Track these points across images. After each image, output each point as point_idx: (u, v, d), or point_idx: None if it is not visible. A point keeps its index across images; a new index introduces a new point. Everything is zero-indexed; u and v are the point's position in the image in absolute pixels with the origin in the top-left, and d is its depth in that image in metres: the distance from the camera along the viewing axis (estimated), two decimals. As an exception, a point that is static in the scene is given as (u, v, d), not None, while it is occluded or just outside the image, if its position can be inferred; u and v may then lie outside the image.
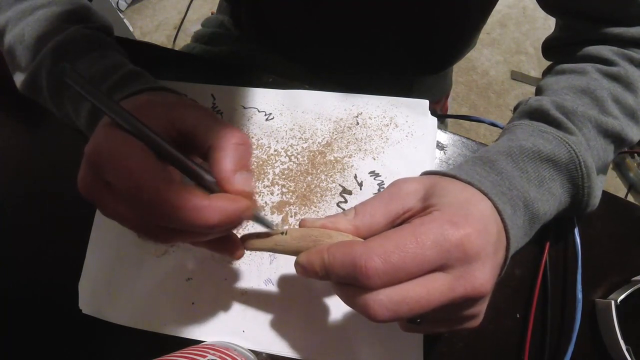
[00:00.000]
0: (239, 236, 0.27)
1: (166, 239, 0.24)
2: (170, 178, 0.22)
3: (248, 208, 0.23)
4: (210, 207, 0.21)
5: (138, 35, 1.58)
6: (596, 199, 0.31)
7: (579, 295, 0.32)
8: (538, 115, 0.32)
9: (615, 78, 0.33)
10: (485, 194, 0.25)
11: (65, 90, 0.33)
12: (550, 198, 0.29)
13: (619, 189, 1.32)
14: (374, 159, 0.37)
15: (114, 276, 0.36)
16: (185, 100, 0.26)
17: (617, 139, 0.32)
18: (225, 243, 0.27)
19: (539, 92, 0.36)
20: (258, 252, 0.35)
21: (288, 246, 0.25)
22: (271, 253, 0.35)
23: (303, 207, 0.36)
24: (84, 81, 0.22)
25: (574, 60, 0.36)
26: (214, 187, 0.23)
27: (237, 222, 0.23)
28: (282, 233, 0.25)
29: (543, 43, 0.42)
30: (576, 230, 0.34)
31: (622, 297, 0.33)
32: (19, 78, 0.35)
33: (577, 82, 0.33)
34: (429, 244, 0.21)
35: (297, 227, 0.26)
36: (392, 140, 0.38)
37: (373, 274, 0.20)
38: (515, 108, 0.36)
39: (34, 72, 0.34)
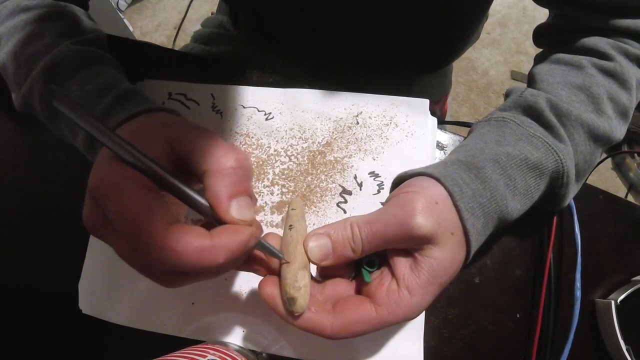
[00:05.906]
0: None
1: (175, 282, 0.22)
2: (171, 217, 0.20)
3: (252, 237, 0.22)
4: (213, 247, 0.20)
5: (138, 35, 1.58)
6: (565, 203, 0.32)
7: (577, 293, 0.32)
8: (532, 113, 0.31)
9: (611, 74, 0.32)
10: (458, 210, 0.25)
11: (59, 112, 0.33)
12: (529, 203, 0.29)
13: (619, 189, 1.32)
14: (374, 159, 0.37)
15: (114, 276, 0.35)
16: (183, 121, 0.25)
17: (606, 141, 0.32)
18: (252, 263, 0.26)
19: (531, 79, 0.36)
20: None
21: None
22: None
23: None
24: (77, 108, 0.21)
25: (569, 50, 0.35)
26: (212, 216, 0.22)
27: (244, 254, 0.22)
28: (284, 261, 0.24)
29: (535, 29, 0.41)
30: (576, 230, 0.34)
31: (622, 297, 0.33)
32: (15, 97, 0.35)
33: (573, 78, 0.32)
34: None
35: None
36: (392, 140, 0.38)
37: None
38: (507, 94, 0.35)
39: (26, 95, 0.33)
